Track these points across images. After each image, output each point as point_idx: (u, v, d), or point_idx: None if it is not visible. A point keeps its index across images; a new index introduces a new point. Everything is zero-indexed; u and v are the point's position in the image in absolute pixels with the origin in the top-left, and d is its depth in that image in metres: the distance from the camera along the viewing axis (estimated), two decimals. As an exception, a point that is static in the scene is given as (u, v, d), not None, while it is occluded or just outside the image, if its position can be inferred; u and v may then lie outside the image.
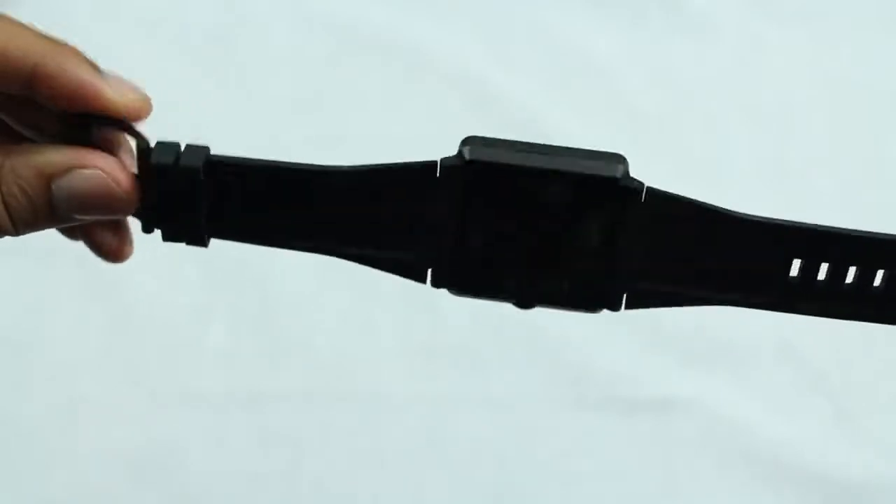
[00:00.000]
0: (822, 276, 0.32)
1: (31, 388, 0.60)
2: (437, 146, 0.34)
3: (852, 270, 0.32)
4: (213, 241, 0.34)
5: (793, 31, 0.74)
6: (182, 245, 0.35)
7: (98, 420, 0.59)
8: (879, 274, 0.32)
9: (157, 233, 0.35)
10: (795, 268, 0.32)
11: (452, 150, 0.33)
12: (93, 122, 0.32)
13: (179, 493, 0.57)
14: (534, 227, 0.32)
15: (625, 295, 0.33)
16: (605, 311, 0.34)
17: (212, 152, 0.32)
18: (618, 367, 0.61)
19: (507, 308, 0.35)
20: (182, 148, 0.32)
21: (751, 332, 0.62)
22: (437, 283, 0.34)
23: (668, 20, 0.75)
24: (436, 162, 0.32)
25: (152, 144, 0.32)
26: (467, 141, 0.32)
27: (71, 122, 0.32)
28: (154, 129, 0.33)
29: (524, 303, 0.34)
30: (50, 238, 0.44)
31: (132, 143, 0.33)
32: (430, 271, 0.34)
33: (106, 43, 0.38)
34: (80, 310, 0.62)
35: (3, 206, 0.30)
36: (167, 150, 0.32)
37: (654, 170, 0.35)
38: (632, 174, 0.32)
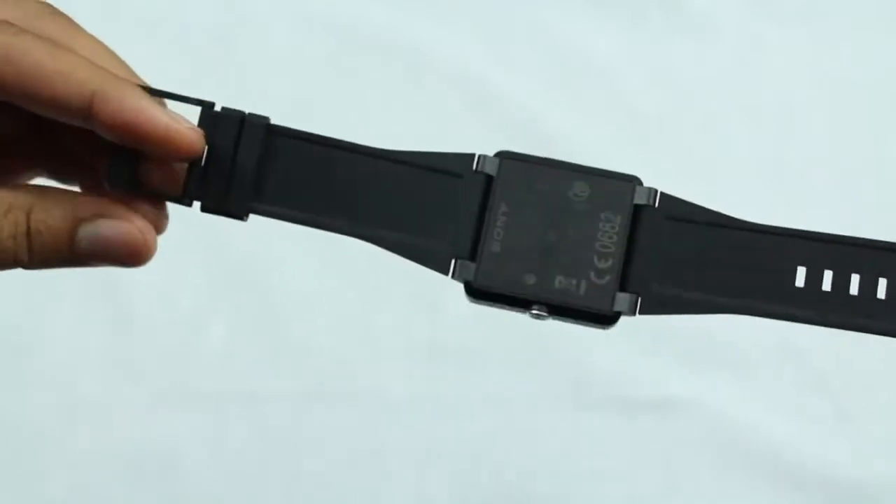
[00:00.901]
0: (828, 285, 0.32)
1: (31, 388, 0.60)
2: (437, 146, 0.34)
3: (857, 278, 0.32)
4: (215, 240, 0.34)
5: (793, 31, 0.74)
6: (182, 245, 0.35)
7: (98, 420, 0.59)
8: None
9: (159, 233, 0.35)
10: (802, 277, 0.32)
11: (452, 150, 0.33)
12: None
13: (179, 493, 0.57)
14: (554, 228, 0.33)
15: (639, 300, 0.33)
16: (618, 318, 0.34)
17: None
18: (618, 367, 0.61)
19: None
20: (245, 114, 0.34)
21: (751, 333, 0.62)
22: (456, 277, 0.35)
23: (668, 20, 0.75)
24: (472, 155, 0.33)
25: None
26: (500, 154, 0.34)
27: (118, 156, 0.33)
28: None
29: (539, 309, 0.34)
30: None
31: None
32: (452, 263, 0.34)
33: (106, 43, 0.38)
34: (80, 310, 0.62)
35: (26, 238, 0.32)
36: (232, 111, 0.35)
37: (654, 170, 0.35)
38: (642, 179, 0.33)
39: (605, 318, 0.33)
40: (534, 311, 0.33)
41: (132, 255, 0.33)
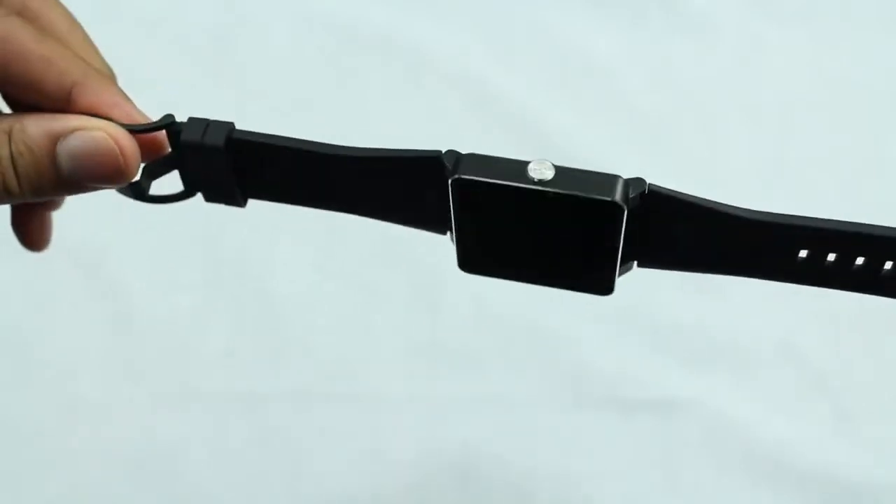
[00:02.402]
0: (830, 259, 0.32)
1: (31, 388, 0.60)
2: (437, 146, 0.34)
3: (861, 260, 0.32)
4: (215, 240, 0.34)
5: (793, 31, 0.74)
6: (181, 245, 0.35)
7: (98, 420, 0.59)
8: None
9: (158, 234, 0.35)
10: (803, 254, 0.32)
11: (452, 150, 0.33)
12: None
13: (179, 493, 0.57)
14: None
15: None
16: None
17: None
18: (618, 367, 0.61)
19: (507, 308, 0.36)
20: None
21: (751, 333, 0.62)
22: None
23: (668, 20, 0.75)
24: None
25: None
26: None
27: None
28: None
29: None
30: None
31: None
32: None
33: (106, 43, 0.38)
34: (80, 310, 0.62)
35: (11, 162, 0.32)
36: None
37: (654, 170, 0.35)
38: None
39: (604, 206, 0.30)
40: (534, 167, 0.31)
41: (111, 166, 0.33)
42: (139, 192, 0.36)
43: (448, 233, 0.35)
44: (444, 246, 0.36)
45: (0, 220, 0.40)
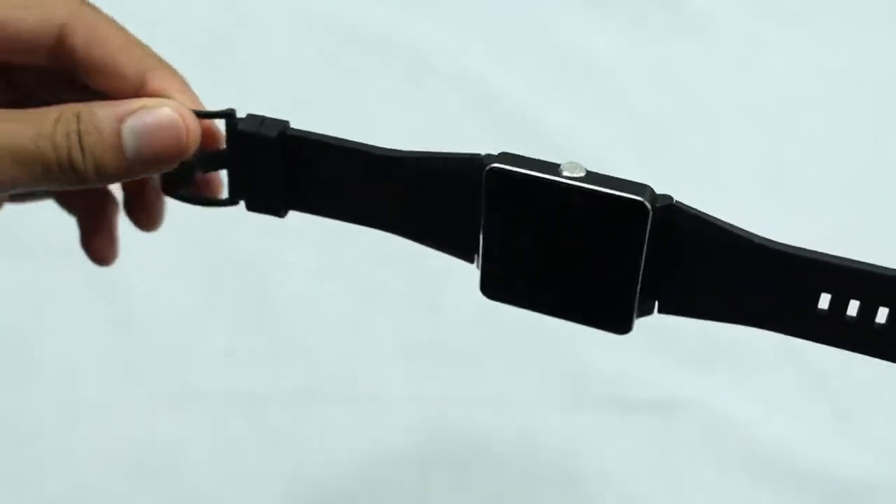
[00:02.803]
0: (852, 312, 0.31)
1: (31, 388, 0.60)
2: (437, 146, 0.34)
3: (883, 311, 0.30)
4: (215, 240, 0.35)
5: (793, 31, 0.74)
6: (182, 245, 0.36)
7: (98, 420, 0.59)
8: None
9: (158, 235, 0.36)
10: (824, 301, 0.31)
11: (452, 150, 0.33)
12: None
13: (179, 493, 0.57)
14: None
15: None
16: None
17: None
18: (618, 367, 0.61)
19: (507, 308, 0.35)
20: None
21: (751, 333, 0.62)
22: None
23: (668, 20, 0.75)
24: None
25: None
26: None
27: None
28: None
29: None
30: (50, 238, 0.44)
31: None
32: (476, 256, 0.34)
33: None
34: (80, 310, 0.62)
35: (78, 138, 0.32)
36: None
37: (654, 170, 0.35)
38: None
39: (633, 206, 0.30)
40: (566, 166, 0.31)
41: (172, 139, 0.34)
42: (188, 176, 0.37)
43: (475, 259, 0.34)
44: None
45: (1, 220, 0.40)
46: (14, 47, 0.34)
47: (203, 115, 0.35)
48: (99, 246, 0.42)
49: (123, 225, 0.65)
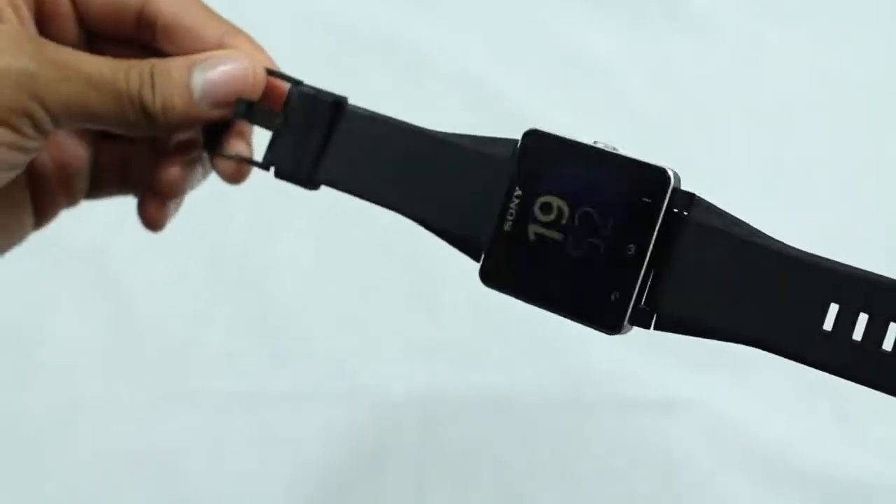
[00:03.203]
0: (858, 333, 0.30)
1: (31, 388, 0.60)
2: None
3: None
4: (215, 240, 0.35)
5: (793, 31, 0.74)
6: (182, 245, 0.36)
7: (98, 420, 0.59)
8: None
9: (158, 234, 0.36)
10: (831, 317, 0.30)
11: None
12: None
13: (179, 493, 0.57)
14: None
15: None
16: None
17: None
18: (618, 367, 0.61)
19: (507, 307, 0.35)
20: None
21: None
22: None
23: (668, 20, 0.75)
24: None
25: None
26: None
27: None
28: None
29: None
30: (50, 238, 0.44)
31: None
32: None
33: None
34: (80, 309, 0.62)
35: (150, 79, 0.35)
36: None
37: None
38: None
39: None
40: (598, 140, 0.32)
41: (240, 77, 0.37)
42: (251, 114, 0.38)
43: (481, 256, 0.34)
44: (444, 245, 0.36)
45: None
46: (107, 11, 0.38)
47: (273, 73, 0.38)
48: (153, 210, 0.43)
49: (121, 225, 0.65)
